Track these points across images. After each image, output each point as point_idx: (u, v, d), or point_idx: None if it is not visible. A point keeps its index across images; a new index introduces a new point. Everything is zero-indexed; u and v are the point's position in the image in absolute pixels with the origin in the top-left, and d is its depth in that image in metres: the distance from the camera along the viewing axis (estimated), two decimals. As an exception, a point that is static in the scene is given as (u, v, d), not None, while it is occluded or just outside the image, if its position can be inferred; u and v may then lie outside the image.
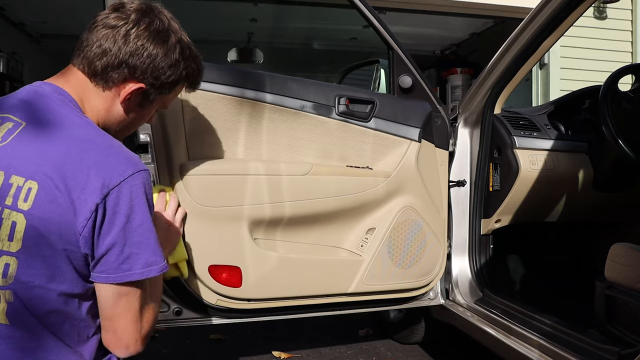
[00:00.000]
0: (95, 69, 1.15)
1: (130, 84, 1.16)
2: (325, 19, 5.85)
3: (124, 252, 1.04)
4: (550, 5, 1.80)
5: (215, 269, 1.69)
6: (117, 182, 1.03)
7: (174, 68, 1.19)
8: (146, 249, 1.07)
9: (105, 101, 1.18)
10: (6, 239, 1.02)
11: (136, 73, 1.15)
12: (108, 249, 1.04)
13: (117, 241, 1.03)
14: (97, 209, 1.01)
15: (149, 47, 1.14)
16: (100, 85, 1.16)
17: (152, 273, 1.07)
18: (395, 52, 1.96)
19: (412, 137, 1.94)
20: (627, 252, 1.53)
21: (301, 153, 1.82)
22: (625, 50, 5.51)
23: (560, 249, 2.67)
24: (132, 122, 1.26)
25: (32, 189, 1.02)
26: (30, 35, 6.46)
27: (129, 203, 1.04)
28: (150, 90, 1.19)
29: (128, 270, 1.05)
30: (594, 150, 2.24)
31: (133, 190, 1.04)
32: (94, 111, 1.18)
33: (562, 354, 1.57)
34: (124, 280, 1.05)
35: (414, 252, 1.96)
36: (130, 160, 1.07)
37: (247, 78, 1.75)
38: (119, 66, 1.14)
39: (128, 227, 1.04)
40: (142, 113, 1.25)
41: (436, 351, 2.52)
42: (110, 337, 1.10)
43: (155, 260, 1.08)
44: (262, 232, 1.77)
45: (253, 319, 1.84)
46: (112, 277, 1.05)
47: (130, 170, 1.05)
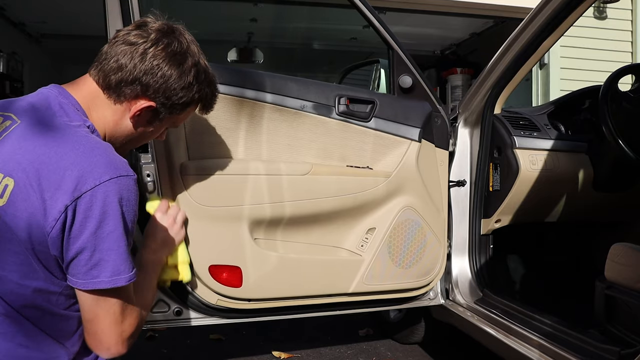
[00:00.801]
0: (109, 82, 1.16)
1: (141, 101, 1.18)
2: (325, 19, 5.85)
3: (92, 258, 1.04)
4: (550, 5, 1.80)
5: (215, 269, 1.69)
6: (92, 186, 1.02)
7: (186, 90, 1.20)
8: (115, 257, 1.05)
9: (115, 114, 1.19)
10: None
11: (148, 91, 1.17)
12: (77, 253, 1.03)
13: (86, 246, 1.03)
14: (67, 210, 1.01)
15: (164, 67, 1.16)
16: (112, 98, 1.17)
17: (119, 282, 1.06)
18: (395, 52, 1.96)
19: (412, 137, 1.94)
20: (627, 252, 1.53)
21: (301, 153, 1.82)
22: (625, 50, 5.51)
23: (560, 249, 2.67)
24: (139, 137, 1.27)
25: (9, 185, 1.02)
26: (30, 35, 6.46)
27: (102, 208, 1.03)
28: (160, 109, 1.20)
29: (96, 278, 1.04)
30: (594, 150, 2.24)
31: (108, 195, 1.03)
32: (101, 120, 1.18)
33: (562, 354, 1.57)
34: (92, 287, 1.05)
35: (414, 252, 1.96)
36: (111, 165, 1.06)
37: (248, 78, 1.75)
38: (132, 82, 1.16)
39: (99, 233, 1.03)
40: (151, 130, 1.26)
41: (436, 351, 2.52)
42: (91, 339, 1.11)
43: (123, 269, 1.07)
44: (262, 232, 1.77)
45: (253, 319, 1.84)
46: (80, 282, 1.05)
47: (107, 175, 1.04)
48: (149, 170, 1.62)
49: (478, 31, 6.22)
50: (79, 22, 5.59)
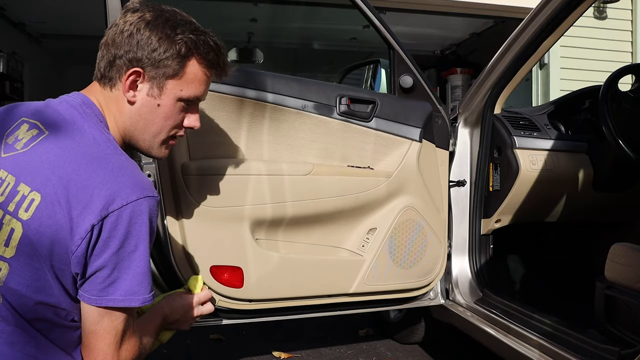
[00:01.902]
0: (101, 72, 1.17)
1: (128, 72, 1.14)
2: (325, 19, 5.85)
3: (111, 276, 1.03)
4: (550, 5, 1.80)
5: (216, 270, 1.69)
6: (119, 206, 1.01)
7: (166, 42, 1.13)
8: (132, 277, 1.05)
9: (117, 102, 1.17)
10: (2, 244, 1.02)
11: (130, 60, 1.13)
12: (96, 270, 1.03)
13: (107, 264, 1.02)
14: (93, 229, 1.00)
15: (134, 30, 1.13)
16: (107, 85, 1.17)
17: (133, 303, 1.05)
18: (396, 52, 1.96)
19: (413, 137, 1.94)
20: (627, 252, 1.53)
21: (302, 153, 1.82)
22: (625, 50, 5.50)
23: (560, 249, 2.67)
24: (151, 118, 1.18)
25: (35, 200, 1.02)
26: (30, 35, 6.46)
27: (126, 228, 1.02)
28: (150, 73, 1.14)
29: (111, 295, 1.03)
30: (594, 150, 2.24)
31: (133, 215, 1.03)
32: (112, 117, 1.18)
33: (562, 354, 1.57)
34: (104, 304, 1.04)
35: (415, 252, 1.96)
36: (138, 185, 1.05)
37: (249, 78, 1.75)
38: (113, 60, 1.14)
39: (121, 252, 1.03)
40: (157, 105, 1.17)
41: (436, 351, 2.52)
42: (86, 352, 1.08)
43: (139, 290, 1.05)
44: (263, 232, 1.77)
45: (254, 319, 1.84)
46: (94, 299, 1.04)
47: (134, 196, 1.03)
48: (150, 170, 1.62)
49: (478, 31, 6.22)
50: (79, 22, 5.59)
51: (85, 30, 5.46)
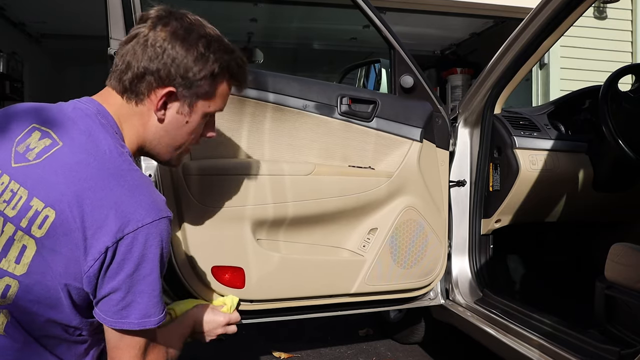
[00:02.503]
0: (125, 85, 1.11)
1: (159, 91, 1.11)
2: (325, 19, 5.85)
3: (125, 299, 1.01)
4: (550, 5, 1.80)
5: (218, 270, 1.69)
6: (134, 229, 0.99)
7: (201, 62, 1.11)
8: (148, 300, 1.03)
9: (142, 117, 1.13)
10: (13, 261, 1.00)
11: (162, 78, 1.10)
12: (110, 292, 1.01)
13: (121, 287, 1.01)
14: (107, 251, 0.98)
15: (168, 47, 1.09)
16: (133, 100, 1.12)
17: (148, 325, 1.04)
18: (396, 51, 1.96)
19: (413, 137, 1.94)
20: (627, 252, 1.54)
21: (303, 153, 1.82)
22: (625, 50, 5.51)
23: (560, 249, 2.67)
24: (177, 134, 1.18)
25: (49, 217, 0.99)
26: (30, 35, 6.46)
27: (141, 251, 1.00)
28: (182, 92, 1.12)
29: (126, 318, 1.02)
30: (594, 150, 2.24)
31: (149, 238, 1.01)
32: (133, 130, 1.14)
33: (562, 354, 1.57)
34: (120, 327, 1.03)
35: (415, 252, 1.96)
36: (154, 206, 1.03)
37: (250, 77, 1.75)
38: (142, 76, 1.10)
39: (135, 276, 1.01)
40: (185, 122, 1.17)
41: (436, 351, 2.52)
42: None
43: (154, 312, 1.04)
44: (264, 232, 1.77)
45: (256, 320, 1.83)
46: (109, 320, 1.03)
47: (150, 218, 1.01)
48: (150, 170, 1.62)
49: (478, 31, 6.22)
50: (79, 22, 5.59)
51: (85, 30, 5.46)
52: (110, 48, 1.60)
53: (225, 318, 1.49)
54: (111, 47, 1.61)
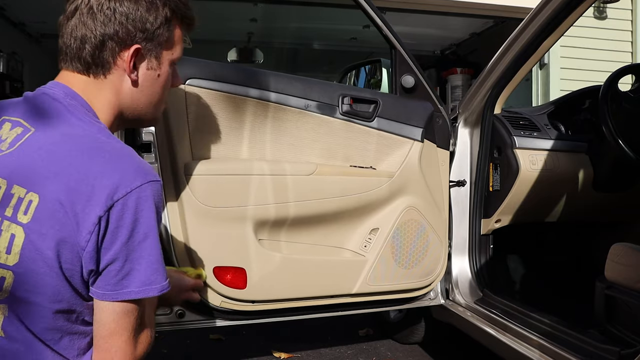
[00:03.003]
0: (87, 61, 1.07)
1: (124, 52, 1.07)
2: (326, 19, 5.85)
3: (124, 268, 0.99)
4: (550, 5, 1.81)
5: (220, 271, 1.68)
6: (123, 194, 0.97)
7: (153, 10, 1.08)
8: (147, 265, 1.00)
9: (113, 86, 1.10)
10: (4, 252, 0.97)
11: (123, 39, 1.06)
12: (109, 264, 0.98)
13: (118, 256, 0.98)
14: (100, 221, 0.96)
15: (116, 5, 1.05)
16: (100, 73, 1.08)
17: (150, 293, 1.01)
18: (398, 51, 1.97)
19: (414, 137, 1.94)
20: (627, 252, 1.54)
21: (305, 153, 1.82)
22: (625, 50, 5.50)
23: (560, 249, 2.67)
24: (151, 90, 1.15)
25: (33, 201, 0.96)
26: (30, 35, 6.46)
27: (133, 216, 0.98)
28: (147, 47, 1.10)
29: (126, 288, 0.99)
30: (594, 150, 2.24)
31: (139, 202, 0.98)
32: (106, 104, 1.11)
33: (562, 354, 1.57)
34: (121, 298, 1.00)
35: (416, 252, 1.96)
36: (140, 170, 1.01)
37: (252, 77, 1.75)
38: (103, 44, 1.06)
39: (131, 242, 0.98)
40: (157, 76, 1.15)
41: (436, 351, 2.52)
42: (103, 356, 1.02)
43: (155, 279, 1.01)
44: (266, 232, 1.77)
45: (257, 320, 1.83)
46: (109, 294, 0.99)
47: (138, 181, 0.98)
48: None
49: (478, 31, 6.22)
50: (79, 22, 5.58)
51: (85, 30, 5.45)
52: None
53: (191, 282, 1.48)
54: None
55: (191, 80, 1.64)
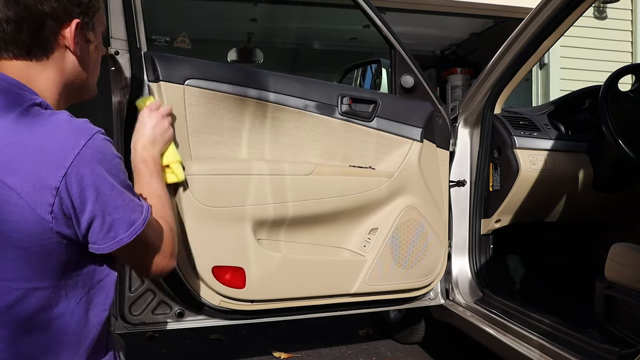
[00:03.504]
0: (26, 44, 1.03)
1: (65, 29, 1.06)
2: (326, 19, 5.85)
3: (105, 222, 1.00)
4: (550, 5, 1.81)
5: (218, 270, 1.68)
6: (72, 159, 0.95)
7: None
8: (124, 211, 1.02)
9: (56, 65, 1.08)
10: None
11: (61, 15, 1.04)
12: (90, 223, 0.99)
13: (95, 214, 0.99)
14: (59, 192, 0.94)
15: None
16: (42, 55, 1.05)
17: (137, 231, 1.04)
18: (397, 51, 1.96)
19: (414, 137, 1.94)
20: (627, 252, 1.54)
21: (304, 153, 1.82)
22: (625, 50, 5.50)
23: (560, 249, 2.67)
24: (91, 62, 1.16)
25: None
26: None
27: (91, 174, 0.97)
28: (85, 20, 1.09)
29: (115, 238, 1.02)
30: (594, 150, 2.24)
31: (92, 158, 0.97)
32: (50, 84, 1.08)
33: (562, 354, 1.57)
34: (115, 248, 1.02)
35: (416, 252, 1.96)
36: (79, 130, 0.99)
37: (251, 77, 1.75)
38: (42, 23, 1.03)
39: (101, 198, 0.99)
40: (95, 47, 1.16)
41: (436, 351, 2.52)
42: (143, 272, 1.20)
43: (136, 217, 1.04)
44: (265, 232, 1.77)
45: (256, 320, 1.83)
46: (103, 247, 1.02)
47: (82, 140, 0.97)
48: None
49: (478, 31, 6.22)
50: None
51: (85, 30, 5.45)
52: (110, 47, 1.61)
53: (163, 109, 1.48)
54: (111, 47, 1.61)
55: (190, 81, 1.64)
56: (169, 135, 1.48)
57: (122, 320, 1.67)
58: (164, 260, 1.16)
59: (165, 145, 1.47)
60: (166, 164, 1.48)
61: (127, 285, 1.66)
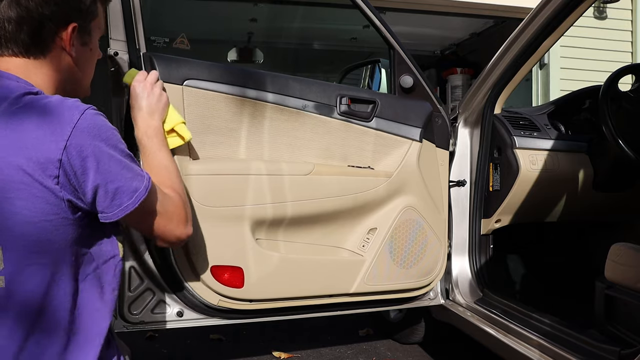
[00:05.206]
0: (25, 42, 1.08)
1: (63, 31, 1.11)
2: (326, 19, 5.85)
3: (109, 190, 1.03)
4: (550, 6, 1.81)
5: (217, 270, 1.69)
6: (70, 131, 1.00)
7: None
8: (125, 178, 1.05)
9: (52, 63, 1.13)
10: None
11: (60, 18, 1.09)
12: (94, 192, 1.03)
13: (98, 183, 1.02)
14: (62, 164, 0.99)
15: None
16: (39, 54, 1.10)
17: (141, 197, 1.07)
18: (396, 51, 1.96)
19: (413, 137, 1.94)
20: (627, 252, 1.54)
21: (303, 153, 1.82)
22: (625, 50, 5.51)
23: (560, 249, 2.67)
24: (87, 64, 1.21)
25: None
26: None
27: (91, 144, 1.01)
28: (82, 24, 1.14)
29: (120, 205, 1.05)
30: (594, 150, 2.24)
31: (89, 130, 1.02)
32: (47, 80, 1.13)
33: (562, 354, 1.57)
34: (122, 214, 1.05)
35: (415, 252, 1.96)
36: (71, 106, 1.03)
37: (249, 77, 1.75)
38: (41, 25, 1.08)
39: (102, 167, 1.02)
40: (90, 50, 1.20)
41: (436, 351, 2.52)
42: (159, 242, 1.19)
43: (137, 184, 1.07)
44: (264, 232, 1.77)
45: (255, 319, 1.84)
46: (110, 215, 1.05)
47: (76, 114, 1.02)
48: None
49: (478, 31, 6.22)
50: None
51: (85, 30, 5.45)
52: (109, 48, 1.61)
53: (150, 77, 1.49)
54: (110, 48, 1.61)
55: (188, 81, 1.65)
56: (164, 100, 1.49)
57: (122, 319, 1.68)
58: (179, 228, 1.18)
59: (164, 111, 1.48)
60: (170, 127, 1.49)
61: (126, 284, 1.67)
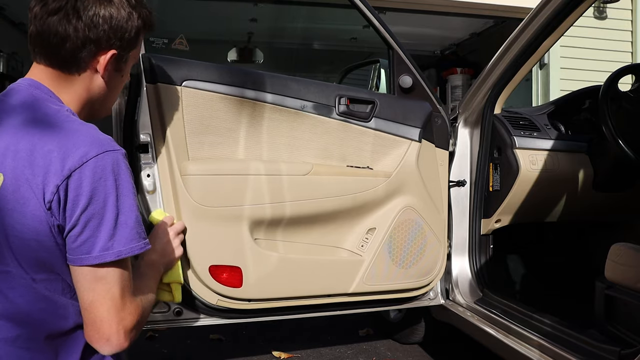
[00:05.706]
0: (64, 58, 1.13)
1: (102, 56, 1.15)
2: (326, 19, 5.85)
3: (82, 234, 1.02)
4: (550, 5, 1.81)
5: (215, 269, 1.69)
6: (79, 164, 1.01)
7: (130, 21, 1.17)
8: (105, 231, 1.03)
9: (84, 82, 1.17)
10: None
11: (102, 43, 1.14)
12: (70, 229, 1.03)
13: (78, 222, 1.02)
14: (59, 189, 1.00)
15: (101, 12, 1.12)
16: (74, 71, 1.15)
17: (107, 258, 1.03)
18: (395, 52, 1.96)
19: (412, 137, 1.94)
20: (627, 252, 1.54)
21: (301, 153, 1.82)
22: (625, 50, 5.51)
23: (560, 249, 2.67)
24: (115, 88, 1.26)
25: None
26: (30, 36, 6.46)
27: (91, 185, 1.02)
28: (122, 53, 1.19)
29: (85, 254, 1.03)
30: (594, 150, 2.24)
31: (97, 171, 1.02)
32: (75, 97, 1.17)
33: (562, 354, 1.57)
34: (80, 264, 1.03)
35: (414, 252, 1.96)
36: (96, 141, 1.05)
37: (248, 78, 1.75)
38: (84, 45, 1.12)
39: (89, 210, 1.02)
40: (121, 76, 1.25)
41: (436, 351, 2.52)
42: (90, 329, 1.05)
43: (112, 245, 1.04)
44: (262, 232, 1.77)
45: (253, 319, 1.84)
46: (72, 258, 1.04)
47: (94, 152, 1.03)
48: (149, 170, 1.62)
49: (478, 31, 6.22)
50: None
51: (85, 30, 5.45)
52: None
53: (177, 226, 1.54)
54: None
55: (187, 82, 1.65)
56: (179, 254, 1.52)
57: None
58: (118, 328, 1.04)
59: (171, 264, 1.50)
60: (167, 282, 1.52)
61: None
